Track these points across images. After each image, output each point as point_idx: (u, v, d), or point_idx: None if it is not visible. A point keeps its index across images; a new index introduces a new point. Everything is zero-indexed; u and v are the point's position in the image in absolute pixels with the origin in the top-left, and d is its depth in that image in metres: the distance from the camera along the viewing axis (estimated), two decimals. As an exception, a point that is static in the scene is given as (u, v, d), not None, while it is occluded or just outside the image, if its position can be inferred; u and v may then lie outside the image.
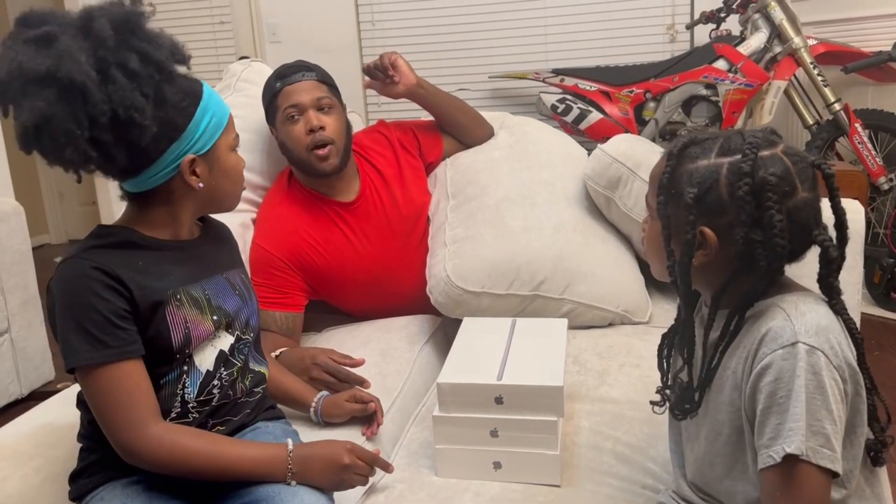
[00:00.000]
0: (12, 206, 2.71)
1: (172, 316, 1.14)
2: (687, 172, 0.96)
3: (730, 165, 0.93)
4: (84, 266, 1.09)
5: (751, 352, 0.93)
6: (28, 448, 1.38)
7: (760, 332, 0.92)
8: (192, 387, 1.18)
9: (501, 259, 1.79)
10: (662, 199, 0.98)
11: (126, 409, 1.08)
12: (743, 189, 0.91)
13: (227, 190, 1.24)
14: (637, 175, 1.83)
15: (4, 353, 2.65)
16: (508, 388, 1.26)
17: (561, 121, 3.43)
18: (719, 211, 0.93)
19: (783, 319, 0.91)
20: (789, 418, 0.87)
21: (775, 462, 0.87)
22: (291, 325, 1.79)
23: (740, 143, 0.94)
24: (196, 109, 1.15)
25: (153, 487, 1.14)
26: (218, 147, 1.19)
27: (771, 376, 0.89)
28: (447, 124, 2.07)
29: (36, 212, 5.27)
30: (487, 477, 1.28)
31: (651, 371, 1.56)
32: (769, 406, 0.89)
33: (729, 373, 0.97)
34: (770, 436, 0.89)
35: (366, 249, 1.88)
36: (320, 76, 1.83)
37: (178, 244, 1.22)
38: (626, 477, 1.28)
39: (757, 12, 3.20)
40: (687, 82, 3.28)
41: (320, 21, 4.08)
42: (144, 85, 1.08)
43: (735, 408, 0.96)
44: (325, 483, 1.15)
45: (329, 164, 1.78)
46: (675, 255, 0.98)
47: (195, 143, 1.15)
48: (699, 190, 0.94)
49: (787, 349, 0.88)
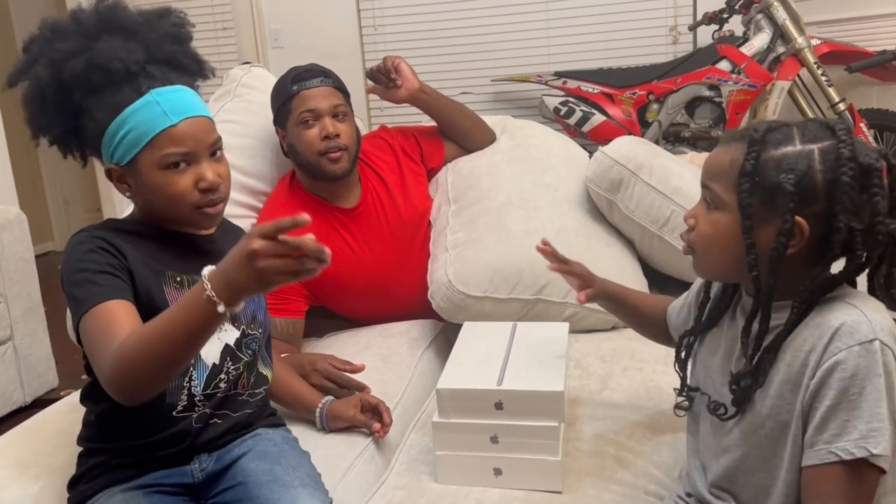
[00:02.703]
0: (15, 214, 2.72)
1: (171, 294, 1.15)
2: (774, 159, 0.91)
3: (822, 151, 0.90)
4: (87, 234, 1.14)
5: (818, 345, 0.90)
6: (27, 456, 1.37)
7: (831, 326, 0.89)
8: (198, 380, 1.18)
9: (503, 263, 1.78)
10: (747, 186, 0.92)
11: (107, 339, 1.02)
12: (848, 174, 0.87)
13: (160, 206, 1.18)
14: (638, 177, 1.81)
15: (8, 361, 2.65)
16: (508, 393, 1.24)
17: (564, 123, 3.42)
18: (813, 199, 0.89)
19: (858, 315, 0.89)
20: (863, 416, 0.85)
21: (839, 459, 0.86)
22: (292, 331, 1.78)
23: (819, 129, 0.92)
24: (112, 121, 1.14)
25: (153, 493, 1.14)
26: (138, 162, 1.14)
27: (846, 372, 0.86)
28: (449, 129, 2.06)
29: (41, 219, 5.28)
30: (488, 483, 1.27)
31: (654, 375, 1.55)
32: (838, 402, 0.87)
33: (782, 365, 0.94)
34: (834, 432, 0.87)
35: (367, 255, 1.87)
36: (336, 83, 1.83)
37: (187, 236, 1.23)
38: (629, 483, 1.26)
39: (760, 12, 3.19)
40: (690, 84, 3.26)
41: (322, 26, 4.08)
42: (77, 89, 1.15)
43: (784, 401, 0.93)
44: (251, 283, 0.91)
45: (339, 166, 1.78)
46: (757, 247, 0.93)
47: (112, 152, 1.15)
48: (795, 177, 0.90)
49: (865, 345, 0.86)
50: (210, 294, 0.92)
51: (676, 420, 1.36)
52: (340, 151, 1.77)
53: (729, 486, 1.03)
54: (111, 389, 1.01)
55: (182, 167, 1.14)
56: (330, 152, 1.76)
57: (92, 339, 1.05)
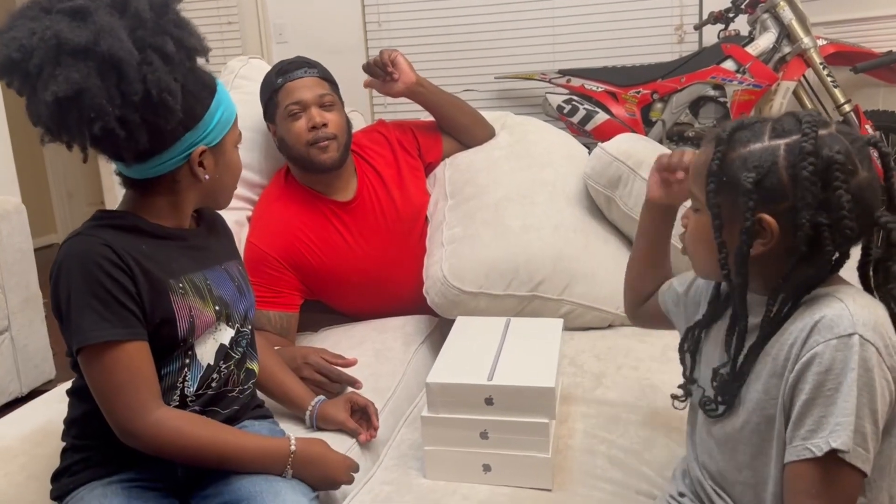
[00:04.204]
0: (14, 205, 2.71)
1: (178, 304, 1.13)
2: (740, 157, 0.90)
3: (788, 146, 0.88)
4: (93, 242, 1.08)
5: (799, 338, 0.88)
6: (14, 445, 1.37)
7: (813, 319, 0.87)
8: (192, 380, 1.17)
9: (500, 259, 1.76)
10: (713, 186, 0.92)
11: (128, 390, 1.07)
12: (808, 169, 0.85)
13: (228, 184, 1.25)
14: (638, 174, 1.79)
15: (5, 352, 2.64)
16: (499, 388, 1.23)
17: (567, 122, 3.40)
18: (779, 196, 0.88)
19: (840, 308, 0.87)
20: (836, 412, 0.83)
21: (813, 455, 0.84)
22: (286, 325, 1.77)
23: (793, 123, 0.90)
24: (212, 101, 1.15)
25: (133, 487, 1.12)
26: (225, 142, 1.20)
27: (821, 366, 0.85)
28: (447, 124, 2.04)
29: (44, 211, 5.29)
30: (476, 480, 1.25)
31: (649, 374, 1.53)
32: (814, 397, 0.85)
33: (769, 359, 0.92)
34: (810, 428, 0.85)
35: (362, 249, 1.85)
36: (321, 73, 1.81)
37: (181, 232, 1.22)
38: (620, 481, 1.25)
39: (766, 12, 3.16)
40: (694, 83, 3.23)
41: (327, 22, 4.07)
42: (177, 70, 1.09)
43: (770, 396, 0.92)
44: (313, 485, 1.18)
45: (329, 156, 1.76)
46: (728, 246, 0.93)
47: (208, 134, 1.16)
48: (757, 174, 0.88)
49: (843, 339, 0.84)
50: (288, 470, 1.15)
51: (670, 419, 1.35)
52: (329, 141, 1.75)
53: (722, 483, 1.02)
54: (131, 441, 1.08)
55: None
56: (318, 142, 1.74)
57: (109, 381, 1.07)
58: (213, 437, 1.12)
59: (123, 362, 1.07)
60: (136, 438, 1.08)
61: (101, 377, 1.08)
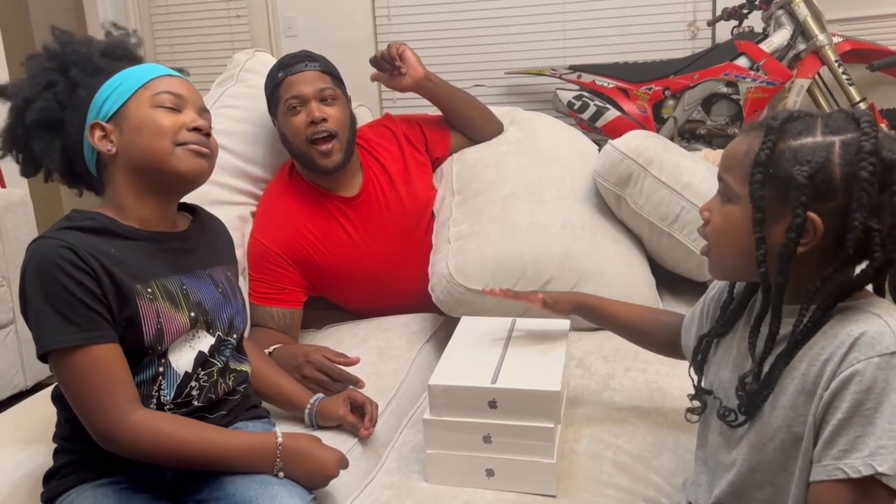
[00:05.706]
0: (19, 197, 2.69)
1: (144, 309, 1.09)
2: (791, 150, 0.86)
3: (844, 143, 0.84)
4: (54, 245, 1.05)
5: (836, 355, 0.84)
6: (10, 443, 1.35)
7: (851, 335, 0.83)
8: (168, 389, 1.13)
9: (507, 256, 1.73)
10: (759, 177, 0.87)
11: (102, 394, 1.04)
12: (867, 170, 0.81)
13: (145, 146, 1.14)
14: (648, 172, 1.76)
15: (9, 345, 2.63)
16: (503, 391, 1.20)
17: (577, 118, 3.37)
18: (829, 194, 0.84)
19: (881, 325, 0.83)
20: (877, 433, 0.80)
21: (847, 476, 0.81)
22: (289, 322, 1.74)
23: (846, 120, 0.86)
24: (100, 87, 1.18)
25: (123, 490, 1.10)
26: (127, 107, 1.16)
27: (862, 385, 0.81)
28: (455, 119, 2.01)
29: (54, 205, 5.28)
30: (479, 484, 1.22)
31: (658, 377, 1.50)
32: (850, 416, 0.81)
33: (797, 375, 0.88)
34: (843, 448, 0.82)
35: (367, 246, 1.82)
36: (324, 66, 1.78)
37: (155, 235, 1.18)
38: (627, 488, 1.22)
39: (780, 8, 3.11)
40: (707, 80, 3.19)
41: (336, 15, 4.05)
42: (60, 93, 1.19)
43: (797, 413, 0.88)
44: (303, 483, 1.14)
45: (332, 160, 1.73)
46: (767, 243, 0.88)
47: (99, 111, 1.16)
48: (810, 169, 0.84)
49: (885, 358, 0.80)
50: (278, 465, 1.11)
51: (679, 424, 1.32)
52: (331, 141, 1.71)
53: (734, 502, 0.98)
54: (111, 445, 1.06)
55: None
56: (317, 138, 1.71)
57: (82, 385, 1.05)
58: (195, 436, 1.09)
59: (94, 365, 1.04)
60: (115, 442, 1.05)
61: (72, 382, 1.05)
